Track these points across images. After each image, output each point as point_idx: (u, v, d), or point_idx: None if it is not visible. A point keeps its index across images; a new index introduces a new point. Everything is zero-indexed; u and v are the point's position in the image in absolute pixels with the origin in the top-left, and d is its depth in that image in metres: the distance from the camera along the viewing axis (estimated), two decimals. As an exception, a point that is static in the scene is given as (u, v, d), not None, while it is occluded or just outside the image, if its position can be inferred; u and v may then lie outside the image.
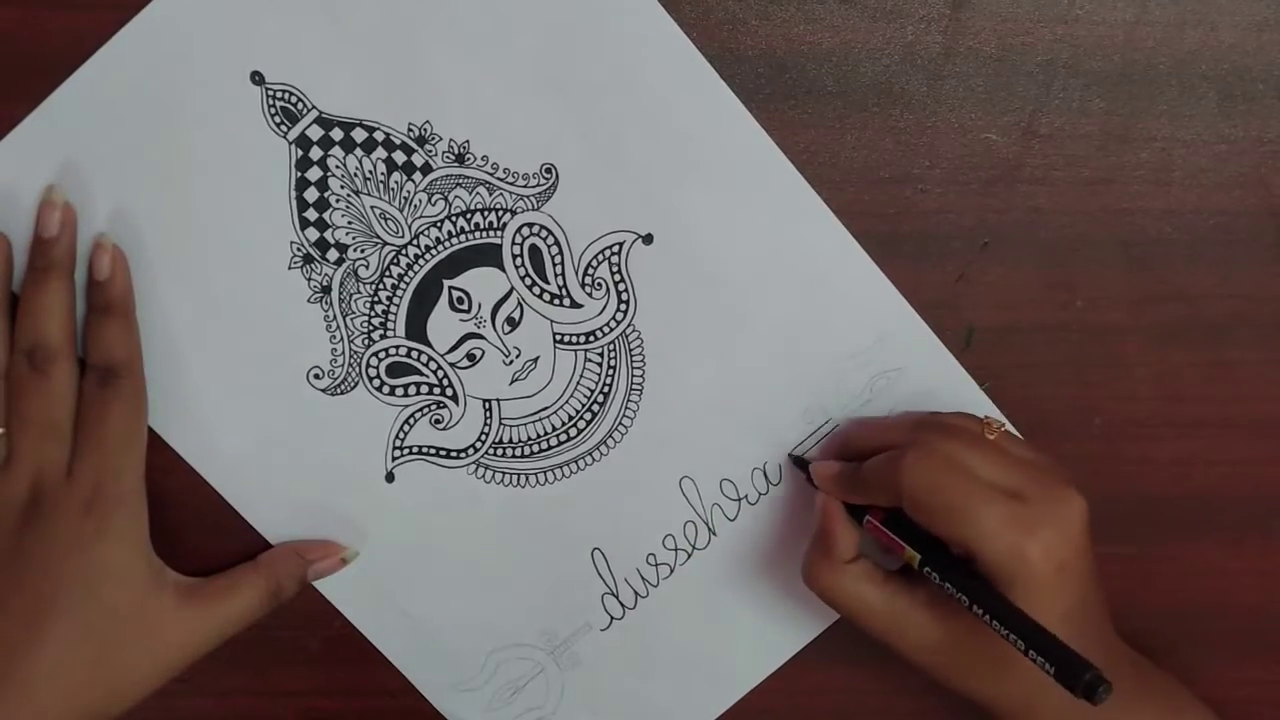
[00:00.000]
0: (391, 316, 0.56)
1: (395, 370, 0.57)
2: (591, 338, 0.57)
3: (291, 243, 0.55)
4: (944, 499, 0.51)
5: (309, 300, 0.56)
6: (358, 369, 0.57)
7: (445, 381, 0.57)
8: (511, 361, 0.57)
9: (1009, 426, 0.57)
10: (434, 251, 0.55)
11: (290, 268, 0.55)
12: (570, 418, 0.58)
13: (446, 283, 0.56)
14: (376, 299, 0.56)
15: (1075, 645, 0.47)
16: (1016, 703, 0.53)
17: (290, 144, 0.54)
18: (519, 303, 0.56)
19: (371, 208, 0.55)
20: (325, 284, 0.55)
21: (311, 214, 0.55)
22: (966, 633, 0.52)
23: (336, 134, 0.54)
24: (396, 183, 0.55)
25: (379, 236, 0.55)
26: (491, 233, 0.55)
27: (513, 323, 0.57)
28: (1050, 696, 0.51)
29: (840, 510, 0.55)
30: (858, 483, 0.54)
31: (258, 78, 0.53)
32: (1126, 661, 0.56)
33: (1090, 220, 0.57)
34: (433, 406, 0.57)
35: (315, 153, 0.54)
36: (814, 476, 0.57)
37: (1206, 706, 0.57)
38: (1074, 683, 0.45)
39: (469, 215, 0.55)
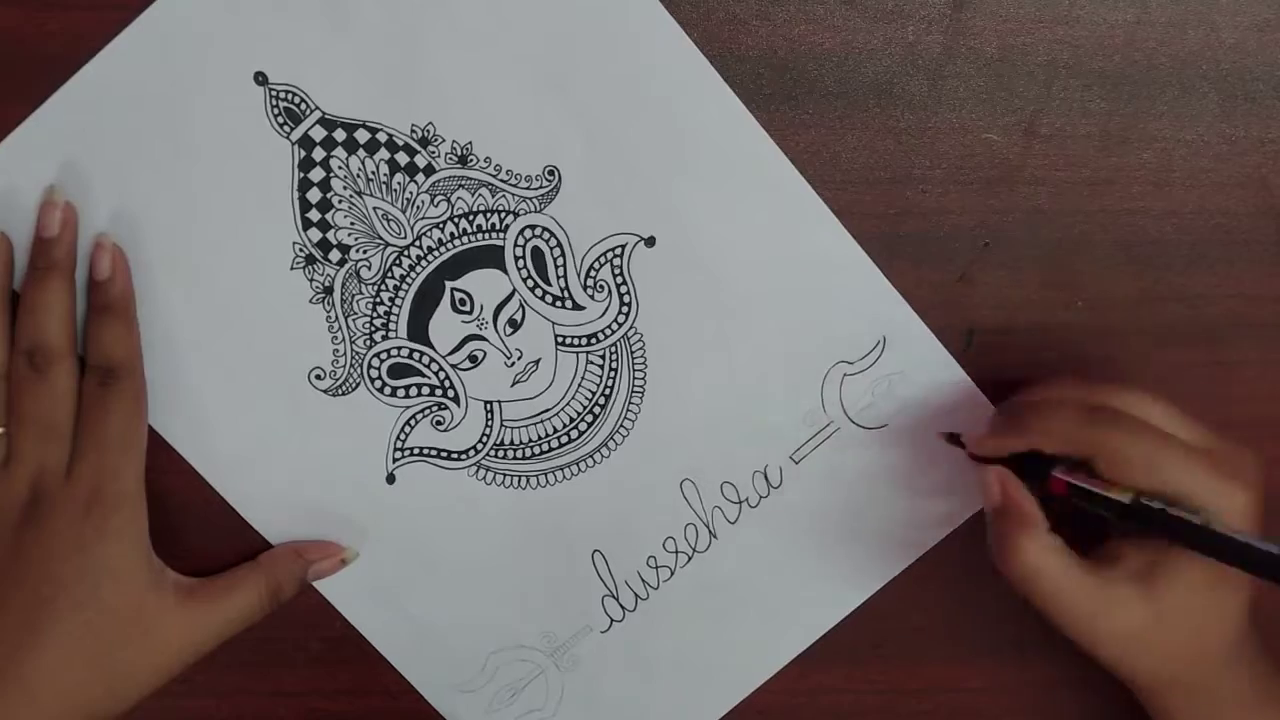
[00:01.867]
0: (393, 317, 0.56)
1: (397, 371, 0.57)
2: (593, 340, 0.57)
3: (294, 243, 0.55)
4: (1144, 449, 0.49)
5: (311, 301, 0.56)
6: (359, 370, 0.57)
7: (447, 383, 0.57)
8: (513, 363, 0.57)
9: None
10: (436, 253, 0.55)
11: (292, 268, 0.55)
12: (571, 420, 0.58)
13: (449, 284, 0.56)
14: (378, 300, 0.56)
15: (1253, 627, 0.48)
16: (1212, 669, 0.52)
17: (293, 144, 0.54)
18: (521, 304, 0.56)
19: (374, 209, 0.55)
20: (327, 285, 0.55)
21: (314, 214, 0.55)
22: (1178, 603, 0.50)
23: (339, 135, 0.54)
24: (399, 184, 0.55)
25: (381, 237, 0.55)
26: (494, 234, 0.55)
27: (515, 324, 0.57)
28: (1232, 666, 0.52)
29: (1016, 479, 0.51)
30: (1023, 428, 0.51)
31: (261, 78, 0.53)
32: (1268, 662, 0.55)
33: (1091, 221, 0.57)
34: (434, 408, 0.57)
35: (318, 153, 0.54)
36: (969, 442, 0.54)
37: None
38: None
39: (471, 217, 0.55)
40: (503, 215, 0.55)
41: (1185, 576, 0.50)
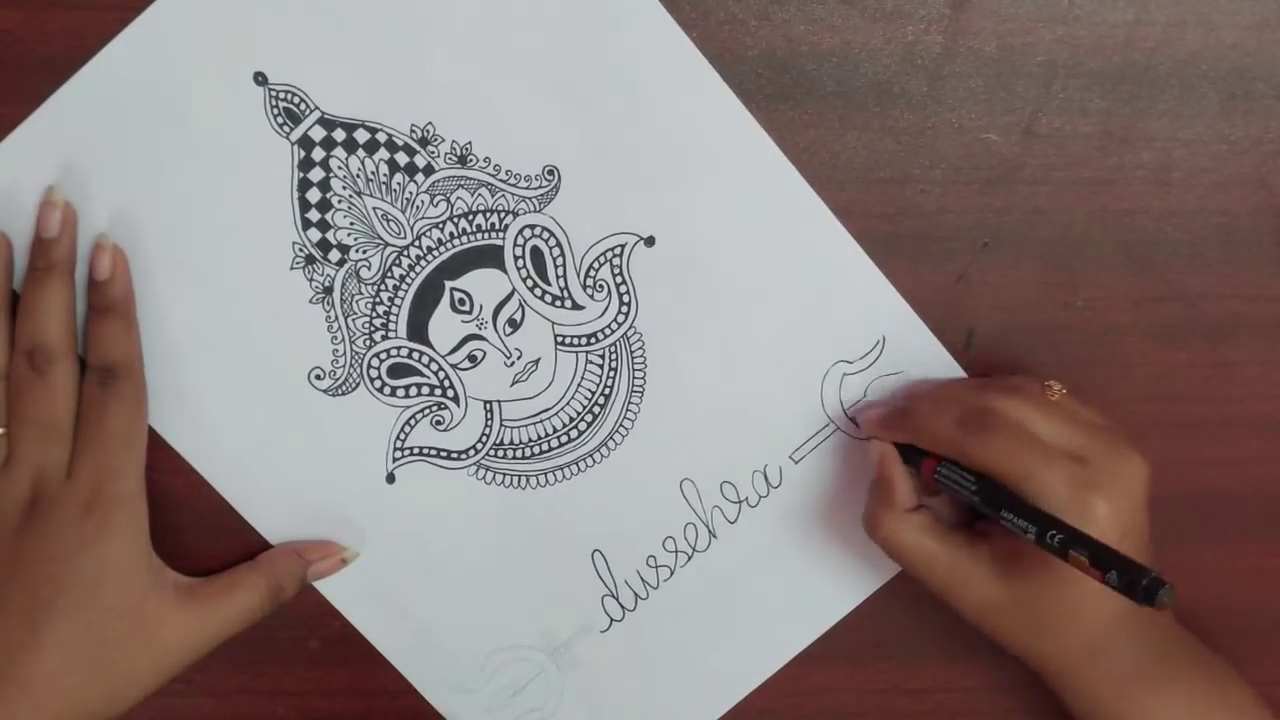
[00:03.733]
0: (393, 317, 0.56)
1: (396, 371, 0.57)
2: (593, 339, 0.57)
3: (293, 243, 0.55)
4: (1008, 460, 0.51)
5: (310, 301, 0.56)
6: (359, 370, 0.57)
7: (446, 383, 0.57)
8: (513, 363, 0.57)
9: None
10: (436, 253, 0.55)
11: (292, 268, 0.55)
12: (571, 419, 0.58)
13: (448, 284, 0.56)
14: (378, 300, 0.56)
15: (1133, 613, 0.48)
16: (1068, 660, 0.54)
17: (293, 144, 0.54)
18: (520, 304, 0.56)
19: (374, 209, 0.55)
20: (327, 285, 0.55)
21: (314, 215, 0.55)
22: (1026, 592, 0.52)
23: (339, 135, 0.54)
24: (399, 184, 0.55)
25: (381, 237, 0.55)
26: (493, 234, 0.55)
27: (514, 324, 0.57)
28: (1099, 656, 0.53)
29: (896, 457, 0.55)
30: (906, 422, 0.55)
31: (260, 78, 0.53)
32: (1174, 633, 0.56)
33: (1090, 220, 0.57)
34: (434, 408, 0.57)
35: (318, 153, 0.54)
36: (862, 421, 0.57)
37: (1248, 685, 0.57)
38: (1134, 588, 0.45)
39: (471, 217, 0.55)
40: (502, 215, 0.55)
41: (1039, 572, 0.52)
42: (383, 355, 0.57)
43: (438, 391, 0.57)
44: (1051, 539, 0.48)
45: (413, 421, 0.58)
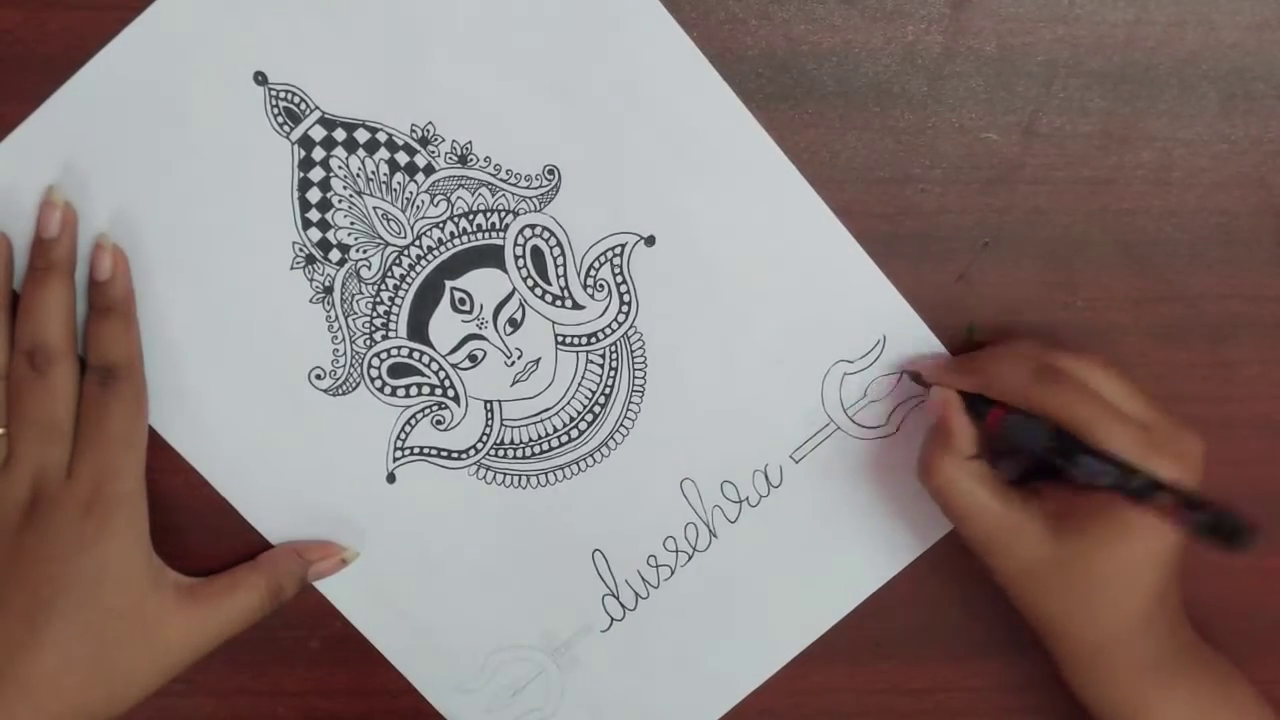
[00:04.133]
0: (393, 317, 0.56)
1: (397, 371, 0.57)
2: (593, 339, 0.57)
3: (294, 243, 0.55)
4: (1080, 411, 0.50)
5: (311, 300, 0.56)
6: (359, 369, 0.57)
7: (447, 382, 0.57)
8: (513, 363, 0.57)
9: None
10: (436, 252, 0.55)
11: (292, 268, 0.55)
12: (571, 419, 0.58)
13: (448, 283, 0.56)
14: (378, 299, 0.56)
15: (1167, 593, 0.49)
16: (1101, 637, 0.53)
17: (293, 144, 0.54)
18: (521, 304, 0.56)
19: (374, 208, 0.55)
20: (327, 284, 0.56)
21: (314, 214, 0.55)
22: (1076, 553, 0.52)
23: (339, 134, 0.54)
24: (399, 183, 0.55)
25: (381, 237, 0.55)
26: (494, 234, 0.55)
27: (514, 324, 0.57)
28: (1129, 639, 0.52)
29: (959, 403, 0.54)
30: (977, 369, 0.54)
31: (260, 78, 0.53)
32: (1185, 631, 0.56)
33: (1090, 220, 0.57)
34: (434, 407, 0.57)
35: (318, 153, 0.54)
36: (926, 369, 0.56)
37: (1251, 685, 0.57)
38: (1221, 529, 0.45)
39: (471, 216, 0.55)
40: (502, 215, 0.55)
41: (1094, 528, 0.51)
42: (383, 355, 0.57)
43: (438, 391, 0.57)
44: (1132, 483, 0.48)
45: (413, 421, 0.58)
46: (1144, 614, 0.53)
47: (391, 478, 0.58)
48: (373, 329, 0.56)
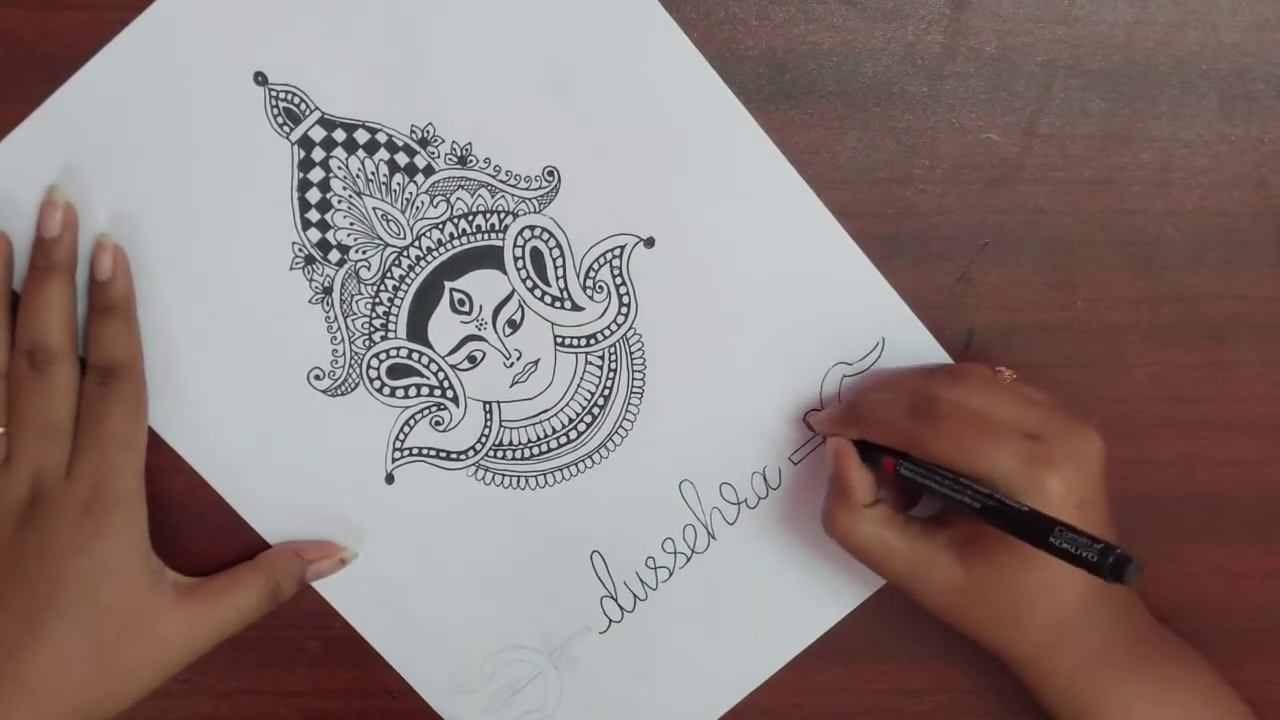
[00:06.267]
0: (392, 318, 0.56)
1: (396, 372, 0.57)
2: (592, 340, 0.57)
3: (293, 243, 0.55)
4: (959, 444, 0.51)
5: (310, 301, 0.56)
6: (358, 370, 0.57)
7: (446, 383, 0.57)
8: (512, 364, 0.57)
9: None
10: (436, 253, 0.55)
11: (292, 268, 0.55)
12: (570, 420, 0.58)
13: (448, 284, 0.56)
14: (378, 300, 0.56)
15: (1104, 592, 0.47)
16: (1032, 649, 0.54)
17: (293, 145, 0.54)
18: (520, 305, 0.56)
19: (373, 209, 0.55)
20: (326, 285, 0.56)
21: (313, 215, 0.55)
22: (988, 577, 0.52)
23: (339, 135, 0.54)
24: (399, 184, 0.55)
25: (381, 238, 0.55)
26: (493, 235, 0.55)
27: (514, 325, 0.57)
28: (1065, 643, 0.52)
29: (852, 454, 0.55)
30: (856, 417, 0.55)
31: (260, 78, 0.53)
32: (1143, 619, 0.56)
33: (1090, 220, 0.57)
34: (433, 408, 0.57)
35: (318, 154, 0.54)
36: (813, 422, 0.57)
37: (1218, 672, 0.57)
38: (1101, 565, 0.45)
39: (471, 217, 0.55)
40: (502, 216, 0.55)
41: (1000, 555, 0.52)
42: (382, 356, 0.57)
43: (437, 392, 0.57)
44: (1003, 517, 0.48)
45: (412, 422, 0.58)
46: (1071, 621, 0.53)
47: (390, 478, 0.58)
48: (372, 330, 0.56)
